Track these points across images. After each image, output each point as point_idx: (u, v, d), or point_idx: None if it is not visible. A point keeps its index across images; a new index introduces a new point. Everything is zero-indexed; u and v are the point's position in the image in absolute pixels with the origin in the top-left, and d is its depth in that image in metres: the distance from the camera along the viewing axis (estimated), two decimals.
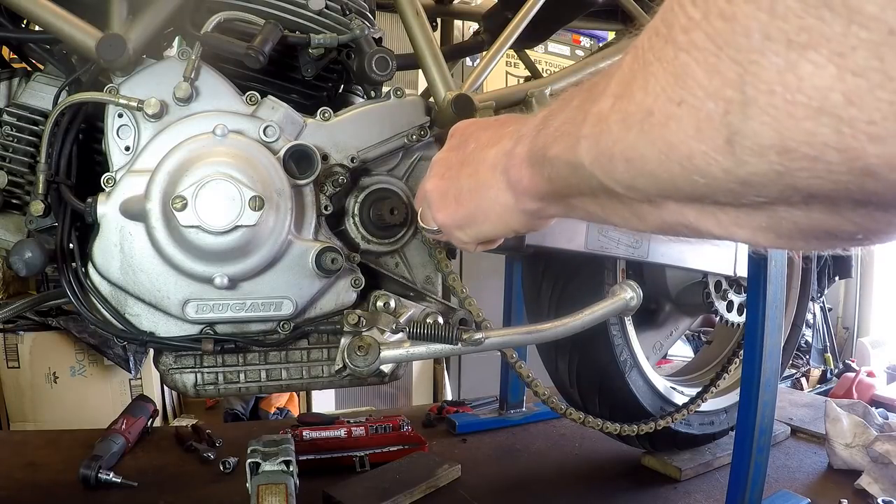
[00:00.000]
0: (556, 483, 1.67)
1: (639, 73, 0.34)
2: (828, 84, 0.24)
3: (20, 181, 1.00)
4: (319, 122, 1.05)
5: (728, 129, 0.29)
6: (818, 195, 0.28)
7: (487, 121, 0.65)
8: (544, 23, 1.36)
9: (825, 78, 0.24)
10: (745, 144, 0.28)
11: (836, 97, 0.24)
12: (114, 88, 0.94)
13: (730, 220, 0.35)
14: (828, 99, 0.25)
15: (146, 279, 0.96)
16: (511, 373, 1.79)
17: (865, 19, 0.23)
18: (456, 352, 0.92)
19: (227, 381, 1.07)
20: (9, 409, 3.03)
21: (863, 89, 0.24)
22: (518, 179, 0.54)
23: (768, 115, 0.27)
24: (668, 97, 0.31)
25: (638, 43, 0.35)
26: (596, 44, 3.84)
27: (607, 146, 0.38)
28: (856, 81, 0.24)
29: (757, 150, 0.28)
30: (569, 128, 0.44)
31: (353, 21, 1.08)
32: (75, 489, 1.49)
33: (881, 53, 0.23)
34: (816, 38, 0.24)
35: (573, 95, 0.46)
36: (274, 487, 1.23)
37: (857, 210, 0.29)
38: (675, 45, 0.31)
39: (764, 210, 0.32)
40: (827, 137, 0.25)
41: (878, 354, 4.99)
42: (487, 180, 0.59)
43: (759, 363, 1.37)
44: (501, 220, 0.60)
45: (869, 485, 1.59)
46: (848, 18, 0.23)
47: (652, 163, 0.34)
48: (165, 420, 3.33)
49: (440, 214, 0.67)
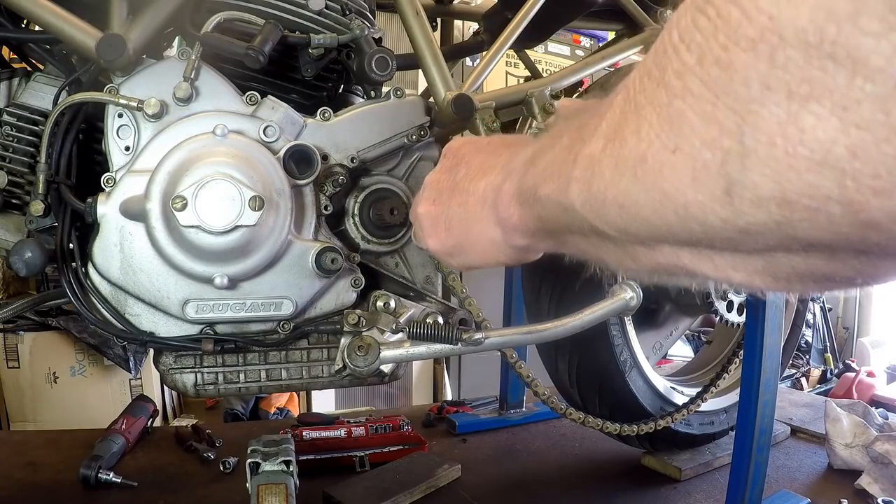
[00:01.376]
0: (556, 483, 1.67)
1: (631, 116, 0.33)
2: (831, 137, 0.24)
3: (20, 181, 1.00)
4: (319, 122, 1.05)
5: (726, 180, 0.28)
6: (818, 245, 0.28)
7: (480, 143, 0.64)
8: (544, 23, 1.36)
9: (828, 131, 0.24)
10: (743, 195, 0.27)
11: (840, 150, 0.24)
12: (114, 88, 0.94)
13: (726, 263, 0.34)
14: (831, 152, 0.24)
15: (146, 279, 0.96)
16: (511, 373, 1.79)
17: (871, 72, 0.22)
18: (456, 352, 0.92)
19: (227, 381, 1.07)
20: (9, 409, 3.02)
21: (868, 143, 0.23)
22: (507, 217, 0.53)
23: (769, 166, 0.26)
24: (663, 144, 0.30)
25: (629, 83, 0.34)
26: (596, 44, 3.84)
27: (599, 191, 0.37)
28: (860, 135, 0.23)
29: (756, 202, 0.27)
30: (559, 168, 0.42)
31: (353, 21, 1.08)
32: (75, 489, 1.49)
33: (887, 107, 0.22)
34: (819, 90, 0.24)
35: (563, 132, 0.44)
36: (274, 487, 1.23)
37: (858, 258, 0.28)
38: (669, 89, 0.29)
39: (762, 255, 0.31)
40: (830, 190, 0.24)
41: (878, 354, 4.99)
42: (476, 213, 0.58)
43: (759, 363, 1.37)
44: (489, 253, 0.60)
45: (869, 485, 1.59)
46: (852, 70, 0.23)
47: (646, 210, 0.33)
48: (165, 420, 3.33)
49: (430, 241, 0.66)
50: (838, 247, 0.27)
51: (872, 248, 0.26)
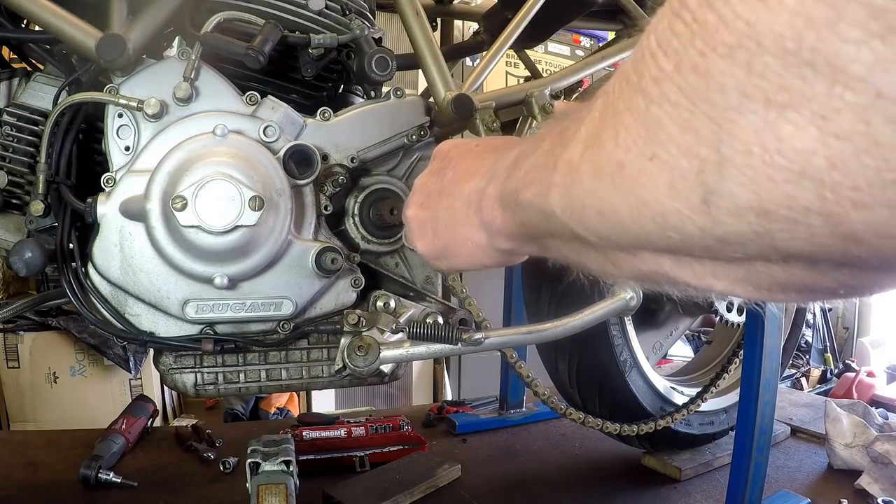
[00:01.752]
0: (556, 483, 1.67)
1: (609, 121, 0.33)
2: (810, 147, 0.23)
3: (20, 181, 1.00)
4: (319, 122, 1.05)
5: (703, 189, 0.27)
6: (798, 255, 0.27)
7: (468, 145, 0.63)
8: (544, 23, 1.36)
9: (807, 141, 0.23)
10: (721, 205, 0.27)
11: (819, 161, 0.23)
12: (114, 88, 0.94)
13: (706, 271, 0.33)
14: (809, 163, 0.23)
15: (146, 279, 0.96)
16: (511, 373, 1.79)
17: (851, 80, 0.21)
18: (456, 352, 0.92)
19: (227, 381, 1.07)
20: (9, 409, 3.02)
21: (847, 154, 0.22)
22: (491, 220, 0.53)
23: (746, 176, 0.25)
24: (640, 151, 0.30)
25: (609, 88, 0.33)
26: (596, 44, 3.84)
27: (578, 197, 0.36)
28: (840, 146, 0.22)
29: (734, 211, 0.26)
30: (540, 173, 0.42)
31: (353, 21, 1.08)
32: (75, 489, 1.49)
33: (868, 118, 0.21)
34: (797, 99, 0.23)
35: (545, 135, 0.44)
36: (274, 487, 1.23)
37: (839, 269, 0.27)
38: (646, 96, 0.29)
39: (741, 265, 0.31)
40: (809, 202, 0.24)
41: (878, 354, 4.98)
42: (462, 216, 0.58)
43: (759, 363, 1.37)
44: (474, 256, 0.60)
45: (869, 485, 1.59)
46: (832, 79, 0.22)
47: (625, 217, 0.33)
48: (165, 420, 3.33)
49: (419, 243, 0.66)
50: (819, 258, 0.27)
51: (853, 261, 0.26)
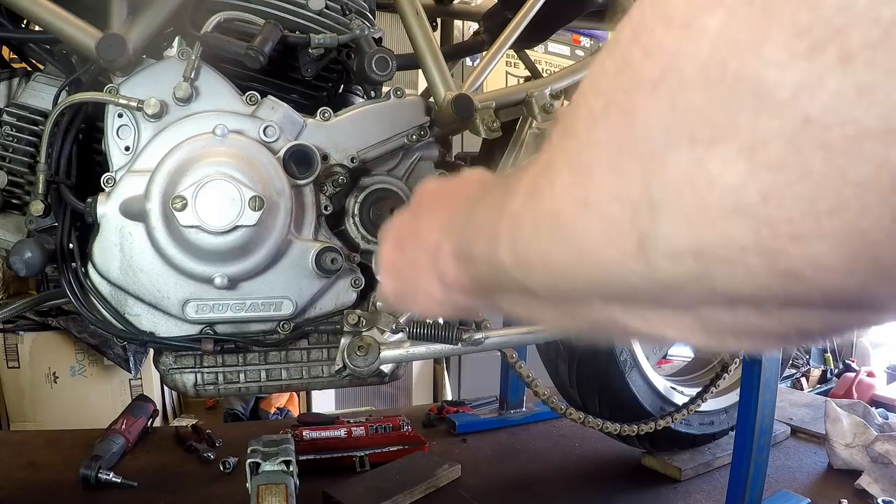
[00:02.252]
0: (556, 483, 1.67)
1: (546, 168, 0.32)
2: (740, 182, 0.22)
3: (20, 181, 1.00)
4: (319, 122, 1.05)
5: (638, 234, 0.26)
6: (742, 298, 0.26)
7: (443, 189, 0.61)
8: (544, 23, 1.36)
9: (737, 175, 0.22)
10: (658, 249, 0.26)
11: (751, 195, 0.22)
12: (114, 88, 0.94)
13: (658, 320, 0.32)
14: (742, 198, 0.22)
15: (146, 279, 0.96)
16: (511, 373, 1.79)
17: (777, 107, 0.20)
18: (456, 352, 0.92)
19: (227, 381, 1.07)
20: (9, 409, 3.02)
21: (779, 185, 0.21)
22: (444, 273, 0.51)
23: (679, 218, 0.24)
24: (573, 198, 0.29)
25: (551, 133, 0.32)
26: (596, 44, 3.84)
27: (523, 250, 0.35)
28: (771, 177, 0.21)
29: (671, 255, 0.25)
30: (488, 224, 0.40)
31: (353, 21, 1.08)
32: (75, 489, 1.49)
33: (797, 145, 0.20)
34: (724, 132, 0.22)
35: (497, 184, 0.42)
36: (274, 487, 1.23)
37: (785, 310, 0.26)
38: (578, 139, 0.28)
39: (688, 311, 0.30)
40: (745, 239, 0.23)
41: (878, 354, 4.98)
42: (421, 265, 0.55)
43: (759, 363, 1.37)
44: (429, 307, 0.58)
45: (869, 485, 1.59)
46: (758, 107, 0.21)
47: (567, 267, 0.31)
48: (165, 420, 3.33)
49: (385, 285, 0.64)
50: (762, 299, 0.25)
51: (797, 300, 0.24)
